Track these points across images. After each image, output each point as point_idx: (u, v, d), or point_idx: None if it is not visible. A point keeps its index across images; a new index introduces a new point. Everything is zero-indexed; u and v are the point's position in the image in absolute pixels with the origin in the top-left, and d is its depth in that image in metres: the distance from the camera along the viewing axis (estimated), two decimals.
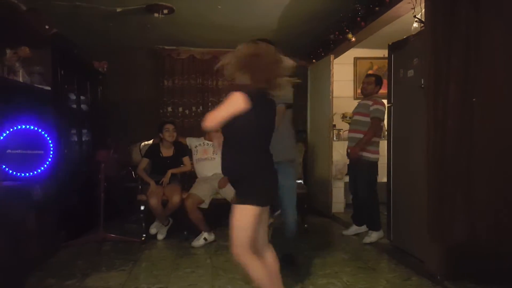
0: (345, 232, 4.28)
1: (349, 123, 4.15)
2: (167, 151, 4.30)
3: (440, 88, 2.66)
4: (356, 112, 4.14)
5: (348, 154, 4.14)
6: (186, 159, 4.40)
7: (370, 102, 3.92)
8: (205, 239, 3.90)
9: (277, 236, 3.10)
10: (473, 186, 2.49)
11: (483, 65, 2.40)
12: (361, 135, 3.92)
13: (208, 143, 4.35)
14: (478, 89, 2.43)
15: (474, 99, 2.45)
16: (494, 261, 2.83)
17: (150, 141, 4.47)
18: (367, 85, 4.04)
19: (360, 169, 3.96)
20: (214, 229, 4.06)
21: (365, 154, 3.89)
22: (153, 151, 4.29)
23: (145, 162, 4.25)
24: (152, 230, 4.16)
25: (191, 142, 4.50)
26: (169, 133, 4.25)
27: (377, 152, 3.93)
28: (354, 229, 4.24)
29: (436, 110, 2.69)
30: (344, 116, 4.13)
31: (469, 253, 2.82)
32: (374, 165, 3.94)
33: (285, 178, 2.84)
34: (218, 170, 4.21)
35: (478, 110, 2.45)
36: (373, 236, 3.92)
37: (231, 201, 3.98)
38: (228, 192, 4.00)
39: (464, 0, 2.50)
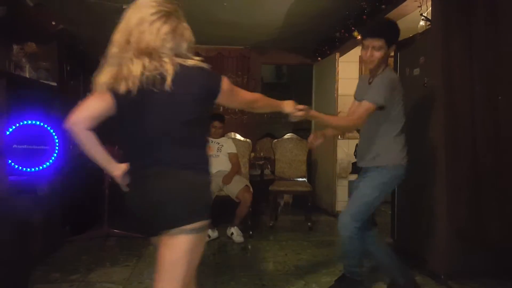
0: None
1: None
2: None
3: (454, 86, 2.64)
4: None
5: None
6: None
7: None
8: (208, 236, 3.91)
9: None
10: (504, 186, 2.44)
11: (505, 63, 2.35)
12: None
13: (213, 141, 4.35)
14: (504, 88, 2.38)
15: (499, 97, 2.41)
16: (499, 260, 2.83)
17: None
18: None
19: None
20: (217, 226, 4.07)
21: None
22: None
23: None
24: None
25: None
26: None
27: None
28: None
29: (454, 109, 2.66)
30: None
31: (473, 253, 2.82)
32: None
33: (362, 181, 2.44)
34: (222, 167, 4.29)
35: (506, 109, 2.38)
36: None
37: (235, 198, 3.99)
38: (232, 189, 4.01)
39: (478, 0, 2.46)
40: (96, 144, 1.47)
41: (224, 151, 4.29)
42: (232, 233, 3.97)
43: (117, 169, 1.55)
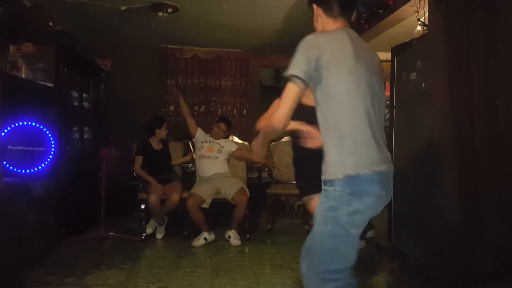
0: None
1: None
2: (157, 145, 4.33)
3: (452, 90, 2.64)
4: None
5: None
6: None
7: (385, 111, 3.79)
8: (205, 239, 3.89)
9: None
10: (502, 189, 2.44)
11: (504, 68, 2.35)
12: None
13: (214, 141, 4.32)
14: (502, 92, 2.38)
15: (497, 102, 2.41)
16: (497, 263, 2.83)
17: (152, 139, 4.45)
18: None
19: None
20: (215, 229, 4.05)
21: None
22: (144, 147, 4.29)
23: (140, 159, 4.25)
24: (148, 230, 4.14)
25: (199, 134, 4.37)
26: (166, 132, 4.31)
27: None
28: (369, 233, 3.97)
29: (452, 113, 2.66)
30: None
31: (471, 256, 2.81)
32: None
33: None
34: (219, 169, 4.27)
35: (504, 113, 2.38)
36: None
37: (231, 200, 3.98)
38: (228, 191, 4.00)
39: (477, 3, 2.47)
40: None
41: (224, 152, 4.28)
42: (229, 236, 3.96)
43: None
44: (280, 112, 1.49)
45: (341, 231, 1.51)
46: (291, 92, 1.49)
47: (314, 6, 1.68)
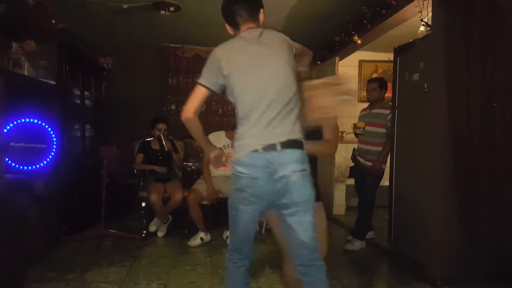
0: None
1: (360, 134, 3.90)
2: (156, 145, 4.26)
3: (453, 92, 2.64)
4: (371, 122, 3.87)
5: (363, 167, 3.89)
6: (176, 156, 4.40)
7: (387, 111, 3.76)
8: (201, 238, 3.89)
9: None
10: (498, 192, 2.44)
11: (502, 69, 2.35)
12: (378, 148, 3.79)
13: (231, 146, 4.29)
14: (500, 94, 2.37)
15: (495, 104, 2.41)
16: (495, 266, 2.83)
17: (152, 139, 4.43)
18: (372, 91, 3.88)
19: (370, 177, 3.83)
20: (214, 228, 4.06)
21: (383, 165, 3.82)
22: (144, 146, 4.32)
23: (140, 157, 4.26)
24: (152, 228, 4.16)
25: (216, 140, 4.08)
26: (159, 132, 4.23)
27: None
28: (369, 234, 4.05)
29: (452, 114, 2.66)
30: (357, 127, 3.96)
31: (469, 258, 2.82)
32: (383, 173, 3.87)
33: None
34: (226, 172, 4.23)
35: (500, 115, 2.38)
36: (356, 244, 3.79)
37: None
38: (229, 190, 3.98)
39: (478, 4, 2.46)
40: None
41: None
42: (227, 236, 3.96)
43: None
44: (185, 106, 1.81)
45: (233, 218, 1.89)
46: (196, 93, 1.82)
47: (226, 24, 2.11)
